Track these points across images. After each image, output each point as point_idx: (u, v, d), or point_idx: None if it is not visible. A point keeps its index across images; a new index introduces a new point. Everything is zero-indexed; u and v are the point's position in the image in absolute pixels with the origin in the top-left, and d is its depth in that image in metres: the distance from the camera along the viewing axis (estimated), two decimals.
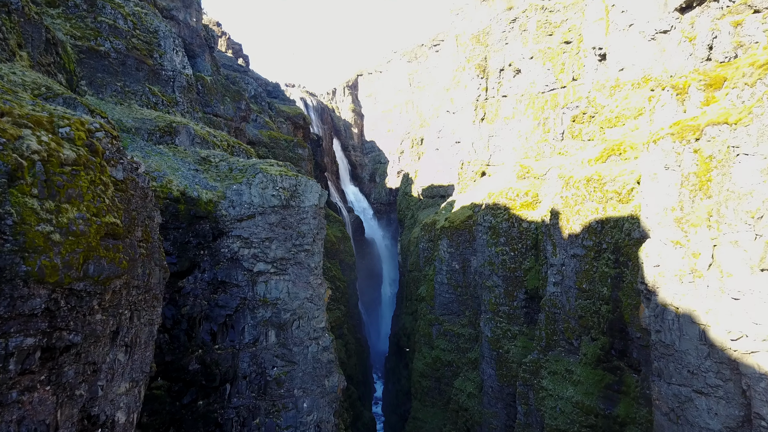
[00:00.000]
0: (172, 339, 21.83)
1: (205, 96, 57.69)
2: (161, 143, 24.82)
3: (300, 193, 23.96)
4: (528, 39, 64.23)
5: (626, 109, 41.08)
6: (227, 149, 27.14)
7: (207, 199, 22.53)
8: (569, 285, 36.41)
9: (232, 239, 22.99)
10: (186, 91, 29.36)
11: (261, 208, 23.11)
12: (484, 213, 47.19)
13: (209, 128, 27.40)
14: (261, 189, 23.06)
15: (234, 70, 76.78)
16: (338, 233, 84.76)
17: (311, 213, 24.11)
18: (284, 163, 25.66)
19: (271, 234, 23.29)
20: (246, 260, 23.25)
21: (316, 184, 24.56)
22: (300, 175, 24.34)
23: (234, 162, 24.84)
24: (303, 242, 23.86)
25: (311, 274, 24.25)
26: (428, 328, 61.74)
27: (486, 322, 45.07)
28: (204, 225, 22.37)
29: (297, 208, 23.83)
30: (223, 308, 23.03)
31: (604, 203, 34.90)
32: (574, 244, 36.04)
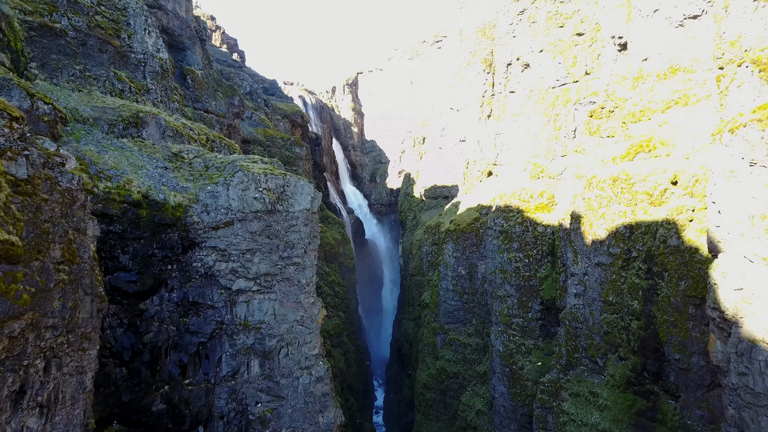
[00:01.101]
0: (132, 374, 17.77)
1: (195, 91, 53.65)
2: (125, 136, 20.75)
3: (288, 195, 19.89)
4: (537, 31, 60.06)
5: (652, 102, 36.99)
6: (206, 144, 23.11)
7: (176, 202, 18.45)
8: (593, 297, 32.34)
9: (206, 251, 18.92)
10: (160, 77, 25.33)
11: (241, 214, 19.03)
12: (495, 216, 43.10)
13: (185, 120, 23.42)
14: (241, 191, 18.99)
15: (228, 66, 72.74)
16: (337, 235, 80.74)
17: (302, 219, 20.04)
18: (270, 160, 21.57)
19: (254, 245, 19.22)
20: (223, 276, 19.17)
21: (307, 184, 20.48)
22: (288, 174, 20.27)
23: (211, 158, 20.78)
24: (292, 254, 19.79)
25: (302, 291, 20.18)
26: (432, 337, 57.68)
27: (497, 335, 40.98)
28: (172, 234, 18.31)
29: (285, 214, 19.76)
30: (195, 334, 18.93)
31: (633, 206, 30.84)
32: (599, 252, 31.97)
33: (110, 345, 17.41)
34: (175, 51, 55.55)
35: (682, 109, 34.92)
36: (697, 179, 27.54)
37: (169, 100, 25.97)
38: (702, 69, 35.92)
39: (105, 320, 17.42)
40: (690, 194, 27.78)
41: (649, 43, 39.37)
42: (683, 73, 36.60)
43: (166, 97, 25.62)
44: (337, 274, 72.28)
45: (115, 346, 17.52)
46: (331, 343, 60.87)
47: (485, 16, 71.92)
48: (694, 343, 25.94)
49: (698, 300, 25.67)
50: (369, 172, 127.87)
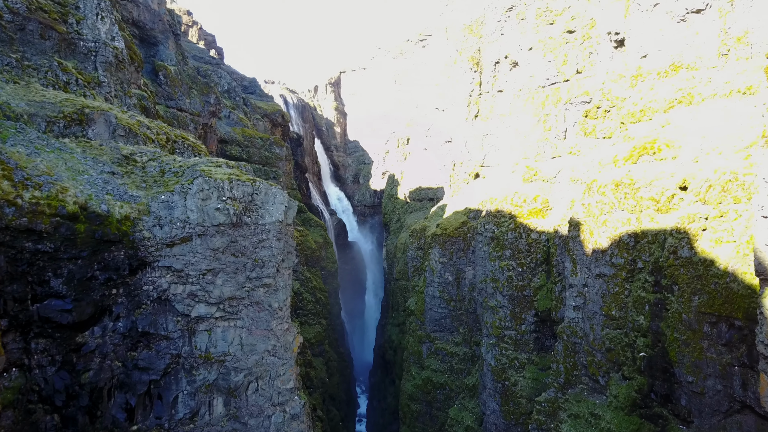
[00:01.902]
0: (65, 422, 14.63)
1: (168, 88, 50.28)
2: (66, 135, 17.55)
3: (258, 204, 16.88)
4: (526, 29, 57.57)
5: (653, 101, 34.56)
6: (165, 144, 20.02)
7: (122, 214, 15.35)
8: (594, 310, 29.77)
9: (159, 272, 15.85)
10: (114, 68, 22.07)
11: (201, 228, 15.98)
12: (485, 221, 40.41)
13: (142, 117, 20.30)
14: (200, 200, 15.95)
15: (206, 63, 69.22)
16: (319, 238, 77.64)
17: (274, 233, 17.05)
18: (237, 164, 18.51)
19: (216, 264, 16.18)
20: (180, 301, 16.11)
21: (280, 192, 17.49)
22: (258, 180, 17.25)
23: (169, 162, 17.69)
24: (262, 274, 16.79)
25: (274, 317, 17.18)
26: (418, 346, 54.91)
27: (488, 348, 38.29)
28: (117, 252, 15.21)
29: (253, 227, 16.75)
30: (145, 371, 15.84)
31: (637, 213, 28.31)
32: (600, 262, 29.41)
33: (38, 388, 14.27)
34: (147, 46, 52.08)
35: (686, 108, 32.52)
36: (710, 185, 25.07)
37: (126, 94, 22.77)
38: (706, 66, 33.59)
39: (32, 358, 14.30)
40: (702, 201, 25.30)
41: (648, 39, 36.99)
42: (686, 70, 34.25)
43: (121, 92, 22.43)
44: (319, 280, 69.22)
45: (44, 389, 14.39)
46: (312, 353, 57.87)
47: (472, 13, 69.40)
48: (710, 365, 23.45)
49: (714, 318, 23.17)
50: (352, 173, 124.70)
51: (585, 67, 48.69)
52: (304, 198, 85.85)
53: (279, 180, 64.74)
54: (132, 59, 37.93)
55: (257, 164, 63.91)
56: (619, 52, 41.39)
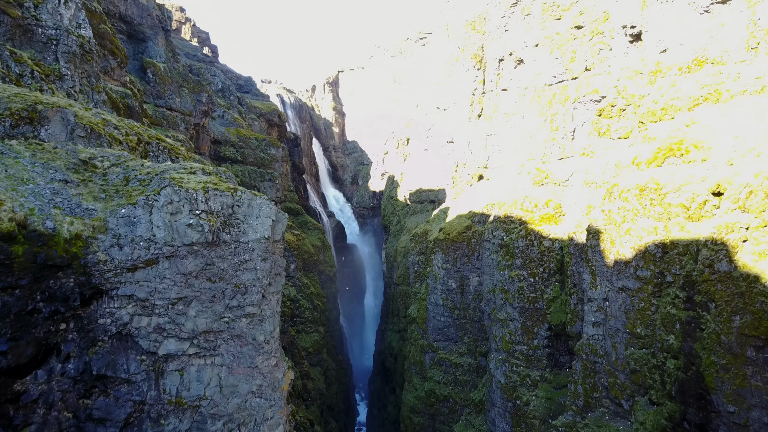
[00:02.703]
0: None
1: (157, 86, 47.37)
2: (13, 136, 14.66)
3: (240, 219, 14.03)
4: (532, 24, 54.79)
5: (675, 98, 31.73)
6: (136, 147, 17.15)
7: (72, 233, 12.48)
8: (616, 327, 26.95)
9: (118, 302, 13.00)
10: (79, 60, 19.18)
11: (169, 248, 13.12)
12: (493, 227, 37.58)
13: (111, 115, 17.46)
14: (169, 214, 13.11)
15: (199, 60, 66.31)
16: (317, 242, 74.79)
17: (259, 252, 14.19)
18: (217, 170, 15.59)
19: (188, 291, 13.33)
20: (144, 337, 13.24)
21: (267, 203, 14.63)
22: (240, 189, 14.38)
23: (135, 168, 14.82)
24: (244, 301, 13.94)
25: (259, 352, 14.32)
26: (420, 356, 52.09)
27: (498, 363, 35.45)
28: (65, 279, 12.36)
29: (234, 245, 13.89)
30: (102, 423, 12.96)
31: (665, 221, 25.50)
32: (624, 274, 26.59)
33: None
34: (135, 42, 49.16)
35: (712, 106, 29.71)
36: (751, 190, 22.24)
37: (94, 90, 19.89)
38: (734, 61, 30.80)
39: None
40: (742, 208, 22.49)
41: (668, 32, 34.19)
42: (711, 65, 31.45)
43: (88, 86, 19.56)
44: (317, 285, 66.37)
45: None
46: (309, 362, 55.05)
47: (475, 9, 66.67)
48: (755, 395, 20.66)
49: (761, 341, 20.39)
50: (351, 174, 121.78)
51: (594, 64, 45.93)
52: (302, 200, 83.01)
53: (275, 182, 61.88)
54: (114, 54, 35.06)
55: (252, 166, 61.09)
56: (634, 47, 38.60)
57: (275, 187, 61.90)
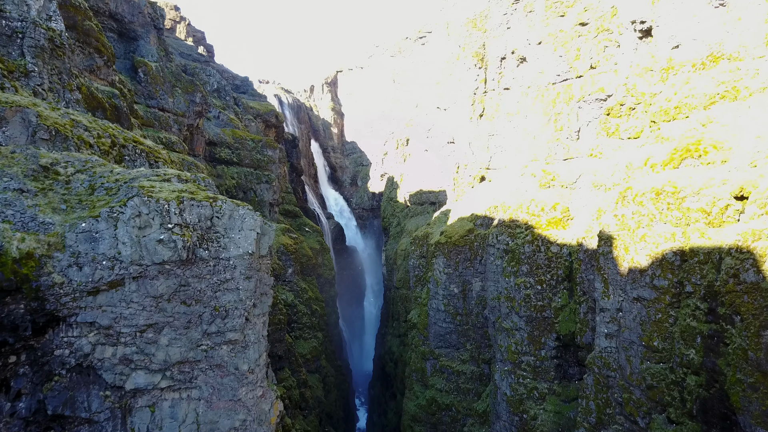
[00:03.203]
0: None
1: (149, 86, 45.63)
2: None
3: (219, 232, 12.30)
4: (535, 21, 53.08)
5: (690, 96, 30.00)
6: (110, 150, 15.42)
7: (23, 251, 10.76)
8: (630, 340, 25.22)
9: (77, 330, 11.28)
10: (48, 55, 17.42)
11: (137, 267, 11.39)
12: (498, 232, 35.84)
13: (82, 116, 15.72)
14: (136, 229, 11.39)
15: (194, 60, 64.54)
16: (315, 245, 73.01)
17: (242, 269, 12.45)
18: (195, 176, 13.84)
19: (159, 316, 11.60)
20: (109, 369, 11.51)
21: (251, 214, 12.88)
22: (221, 199, 12.64)
23: (103, 174, 13.10)
24: (225, 326, 12.21)
25: (242, 382, 12.58)
26: (421, 363, 50.36)
27: (503, 374, 33.71)
28: (14, 306, 10.64)
29: (213, 263, 12.16)
30: None
31: (684, 227, 23.78)
32: (639, 283, 24.86)
33: None
34: (126, 40, 47.41)
35: (730, 104, 27.99)
36: None
37: (65, 88, 18.17)
38: (752, 56, 29.05)
39: None
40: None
41: (681, 27, 32.46)
42: (728, 61, 29.71)
43: (59, 84, 17.82)
44: (315, 289, 64.62)
45: None
46: (307, 369, 53.32)
47: (476, 7, 64.93)
48: None
49: None
50: (350, 175, 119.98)
51: (600, 62, 44.28)
52: (300, 202, 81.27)
53: (272, 184, 60.14)
54: (100, 51, 33.36)
55: (248, 167, 59.36)
56: (644, 43, 36.88)
57: (272, 190, 60.17)
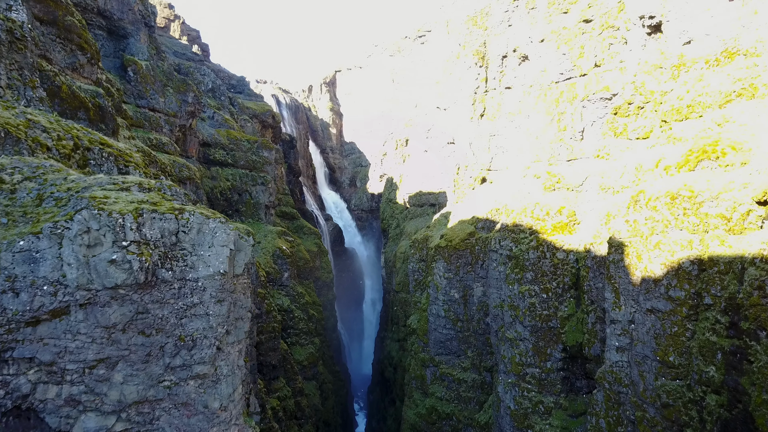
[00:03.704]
0: None
1: (139, 85, 43.94)
2: None
3: (186, 249, 10.59)
4: (537, 18, 51.37)
5: (703, 94, 28.28)
6: (71, 154, 13.66)
7: None
8: (644, 354, 23.51)
9: (14, 367, 9.57)
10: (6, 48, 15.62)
11: (85, 293, 9.69)
12: (501, 236, 34.13)
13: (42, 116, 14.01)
14: (84, 248, 9.69)
15: (188, 59, 62.84)
16: (313, 247, 71.27)
17: (212, 292, 10.73)
18: (161, 184, 12.06)
19: (112, 350, 9.89)
20: (53, 412, 9.79)
21: (224, 227, 11.16)
22: (188, 211, 10.90)
23: (55, 182, 11.37)
24: (192, 359, 10.50)
25: (213, 422, 10.84)
26: (421, 370, 48.67)
27: (507, 387, 31.99)
28: None
29: (178, 285, 10.44)
30: None
31: (701, 233, 22.08)
32: (653, 294, 23.15)
33: None
34: (116, 38, 45.70)
35: (747, 102, 26.29)
36: None
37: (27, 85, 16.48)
38: None
39: None
40: None
41: (693, 22, 30.76)
42: (744, 57, 27.99)
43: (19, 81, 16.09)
44: (313, 293, 62.87)
45: None
46: (304, 377, 51.62)
47: (476, 4, 63.25)
48: None
49: None
50: (348, 176, 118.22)
51: (605, 60, 42.62)
52: (298, 203, 79.55)
53: (267, 185, 58.43)
54: (83, 48, 31.68)
55: (244, 169, 57.67)
56: (653, 39, 35.17)
57: (268, 191, 58.48)
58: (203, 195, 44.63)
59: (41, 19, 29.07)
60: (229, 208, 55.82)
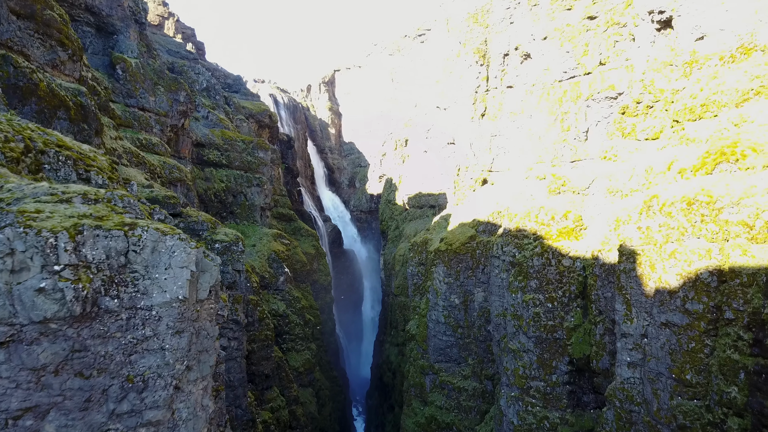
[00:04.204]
0: None
1: (128, 84, 42.27)
2: None
3: (138, 272, 8.90)
4: (540, 15, 49.65)
5: (719, 93, 26.53)
6: (21, 158, 11.68)
7: None
8: (658, 371, 21.79)
9: None
10: None
11: (7, 329, 7.96)
12: (503, 242, 32.41)
13: None
14: (7, 273, 7.98)
15: (182, 58, 61.16)
16: (311, 249, 69.59)
17: (170, 321, 9.03)
18: (112, 194, 10.29)
19: (42, 395, 8.20)
20: None
21: (183, 244, 9.44)
22: (141, 226, 9.18)
23: None
24: (143, 402, 8.79)
25: None
26: (420, 377, 46.99)
27: (510, 401, 30.26)
28: None
29: (126, 315, 8.74)
30: None
31: (721, 242, 20.36)
32: (668, 307, 21.43)
33: None
34: (105, 35, 44.02)
35: (766, 101, 24.57)
36: None
37: None
38: None
39: None
40: None
41: (707, 16, 29.01)
42: (762, 53, 26.25)
43: None
44: (310, 297, 61.20)
45: None
46: (300, 383, 49.94)
47: (477, 1, 61.47)
48: None
49: None
50: (348, 177, 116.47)
51: (610, 58, 41.04)
52: (295, 205, 77.87)
53: (263, 187, 56.73)
54: (63, 44, 30.03)
55: (238, 170, 56.00)
56: (662, 36, 33.43)
57: (263, 193, 56.79)
58: (194, 197, 42.94)
59: (18, 13, 27.42)
60: (224, 210, 54.17)
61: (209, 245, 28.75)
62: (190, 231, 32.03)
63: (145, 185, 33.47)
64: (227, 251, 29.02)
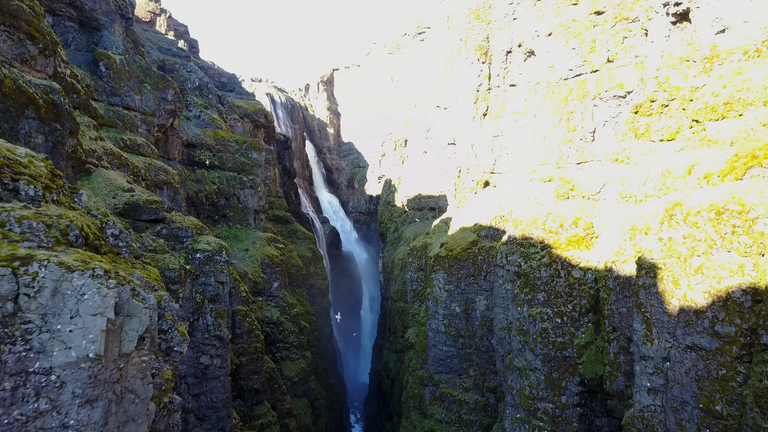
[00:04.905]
0: None
1: (112, 81, 39.95)
2: None
3: (32, 323, 6.55)
4: (544, 11, 47.24)
5: (743, 90, 24.16)
6: None
7: None
8: (683, 399, 19.42)
9: None
10: None
11: None
12: (508, 250, 30.03)
13: None
14: None
15: (173, 55, 58.76)
16: (307, 252, 67.27)
17: (77, 388, 6.62)
18: (8, 215, 8.06)
19: None
20: None
21: (97, 284, 7.03)
22: (38, 260, 6.80)
23: None
24: None
25: None
26: (419, 389, 44.64)
27: (515, 423, 27.89)
28: None
29: (12, 383, 6.38)
30: None
31: (755, 257, 17.98)
32: (694, 328, 19.06)
33: None
34: (88, 31, 41.64)
35: None
36: None
37: None
38: None
39: None
40: None
41: (728, 7, 26.63)
42: None
43: None
44: (306, 302, 58.87)
45: None
46: (294, 394, 47.61)
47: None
48: None
49: None
50: (346, 177, 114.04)
51: (618, 55, 38.80)
52: (292, 206, 75.53)
53: (257, 189, 54.35)
54: (33, 38, 27.62)
55: (231, 171, 53.65)
56: (678, 29, 31.04)
57: (257, 195, 54.43)
58: (182, 201, 40.62)
59: None
60: (216, 213, 51.82)
61: (190, 255, 26.40)
62: (173, 238, 29.71)
63: (125, 189, 31.13)
64: (209, 261, 26.68)
